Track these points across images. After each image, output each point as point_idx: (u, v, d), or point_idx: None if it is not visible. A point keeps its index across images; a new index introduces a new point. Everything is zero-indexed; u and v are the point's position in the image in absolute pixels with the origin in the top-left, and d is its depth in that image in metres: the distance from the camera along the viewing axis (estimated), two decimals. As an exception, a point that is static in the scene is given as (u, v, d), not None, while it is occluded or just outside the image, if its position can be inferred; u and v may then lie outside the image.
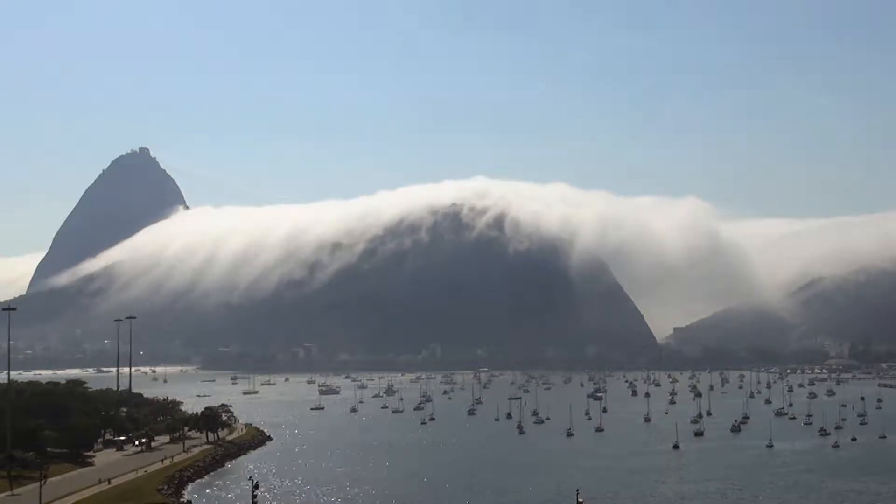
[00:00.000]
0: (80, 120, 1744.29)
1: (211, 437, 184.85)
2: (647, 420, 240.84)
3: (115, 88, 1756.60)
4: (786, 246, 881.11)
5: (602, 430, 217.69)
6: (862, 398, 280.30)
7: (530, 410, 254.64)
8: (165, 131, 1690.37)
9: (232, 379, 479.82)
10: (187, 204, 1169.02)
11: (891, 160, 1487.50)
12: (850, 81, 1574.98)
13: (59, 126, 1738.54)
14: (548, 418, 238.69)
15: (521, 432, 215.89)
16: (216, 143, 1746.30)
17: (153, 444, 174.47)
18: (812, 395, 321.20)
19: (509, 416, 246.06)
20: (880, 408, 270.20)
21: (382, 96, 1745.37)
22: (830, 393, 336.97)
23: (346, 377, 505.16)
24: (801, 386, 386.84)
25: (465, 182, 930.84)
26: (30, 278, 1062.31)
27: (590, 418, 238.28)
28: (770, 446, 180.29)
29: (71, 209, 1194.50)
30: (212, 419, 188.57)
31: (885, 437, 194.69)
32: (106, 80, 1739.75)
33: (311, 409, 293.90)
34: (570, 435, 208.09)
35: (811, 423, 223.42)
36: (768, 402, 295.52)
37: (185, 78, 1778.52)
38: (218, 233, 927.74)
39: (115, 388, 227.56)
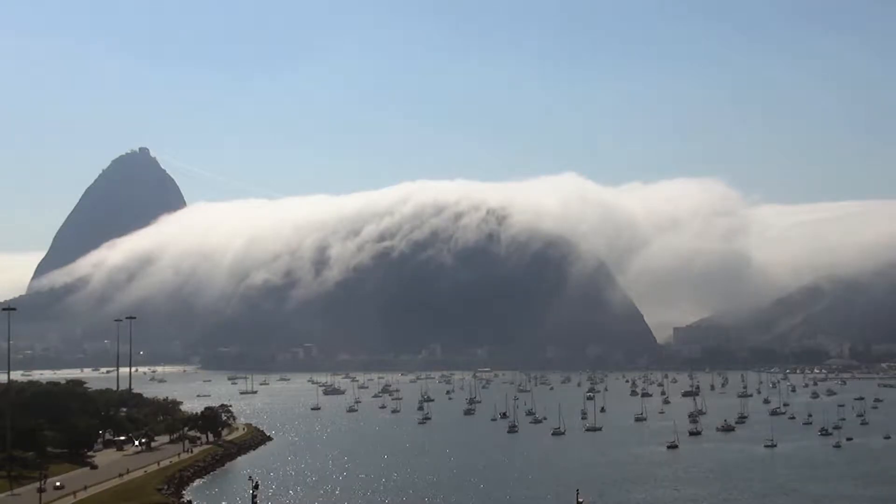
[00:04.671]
0: (80, 120, 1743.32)
1: (211, 437, 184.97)
2: (644, 419, 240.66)
3: (115, 88, 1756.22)
4: (785, 244, 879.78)
5: (599, 429, 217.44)
6: (862, 398, 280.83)
7: (527, 410, 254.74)
8: (165, 131, 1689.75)
9: (230, 379, 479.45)
10: (187, 204, 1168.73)
11: (876, 148, 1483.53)
12: (844, 71, 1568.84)
13: (59, 126, 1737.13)
14: (544, 418, 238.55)
15: (511, 432, 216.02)
16: (216, 143, 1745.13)
17: (153, 444, 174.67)
18: (814, 395, 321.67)
19: (505, 415, 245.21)
20: (876, 407, 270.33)
21: (382, 94, 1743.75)
22: (830, 393, 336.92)
23: (346, 377, 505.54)
24: (805, 386, 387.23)
25: (466, 180, 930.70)
26: (30, 278, 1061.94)
27: (584, 418, 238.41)
28: (771, 446, 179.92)
29: (71, 209, 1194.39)
30: (212, 419, 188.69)
31: (888, 437, 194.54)
32: (106, 80, 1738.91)
33: (312, 408, 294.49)
34: (556, 434, 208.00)
35: (811, 423, 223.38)
36: (767, 401, 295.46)
37: (185, 78, 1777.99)
38: (217, 232, 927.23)
39: (115, 388, 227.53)
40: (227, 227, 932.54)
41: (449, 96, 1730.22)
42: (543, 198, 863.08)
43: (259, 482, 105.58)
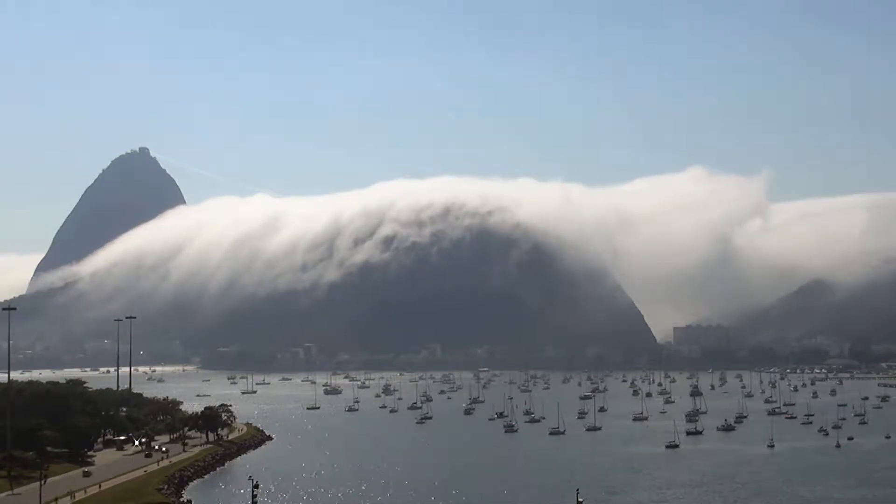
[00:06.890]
0: (80, 120, 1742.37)
1: (211, 436, 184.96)
2: (644, 419, 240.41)
3: (115, 88, 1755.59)
4: (786, 243, 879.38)
5: (598, 429, 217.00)
6: (866, 398, 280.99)
7: (525, 410, 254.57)
8: (165, 131, 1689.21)
9: (230, 379, 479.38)
10: (187, 203, 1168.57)
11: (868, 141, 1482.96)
12: (842, 66, 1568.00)
13: (59, 126, 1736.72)
14: (542, 417, 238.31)
15: (509, 431, 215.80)
16: (216, 142, 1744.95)
17: (153, 443, 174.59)
18: (815, 395, 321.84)
19: (503, 414, 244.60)
20: (881, 407, 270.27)
21: (381, 93, 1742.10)
22: (833, 393, 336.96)
23: (347, 377, 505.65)
24: (804, 386, 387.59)
25: (466, 180, 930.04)
26: (30, 278, 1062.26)
27: (582, 417, 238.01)
28: (771, 446, 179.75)
29: (71, 209, 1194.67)
30: (212, 419, 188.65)
31: (889, 437, 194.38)
32: (106, 80, 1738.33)
33: (310, 408, 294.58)
34: (554, 433, 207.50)
35: (810, 423, 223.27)
36: (768, 401, 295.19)
37: (185, 78, 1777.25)
38: (217, 231, 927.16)
39: (115, 388, 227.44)
40: (227, 226, 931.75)
41: (446, 96, 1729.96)
42: (543, 196, 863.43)
43: (259, 482, 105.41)
